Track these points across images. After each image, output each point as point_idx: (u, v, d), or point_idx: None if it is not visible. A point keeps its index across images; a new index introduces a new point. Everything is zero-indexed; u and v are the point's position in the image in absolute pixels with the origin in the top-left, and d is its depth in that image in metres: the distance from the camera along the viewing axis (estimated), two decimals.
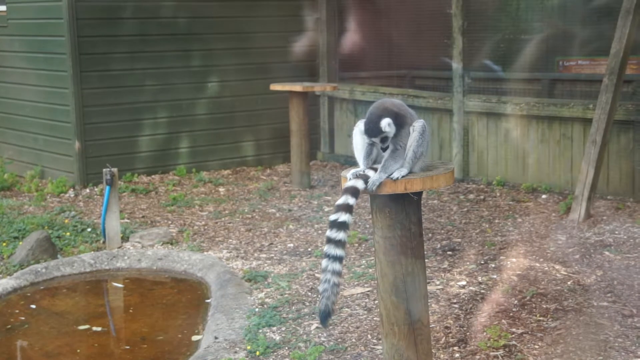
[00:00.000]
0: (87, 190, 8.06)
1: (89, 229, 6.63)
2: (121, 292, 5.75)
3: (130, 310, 5.34)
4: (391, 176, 3.31)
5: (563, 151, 7.35)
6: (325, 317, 3.38)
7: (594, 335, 4.26)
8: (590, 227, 6.18)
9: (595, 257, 5.51)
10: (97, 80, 8.19)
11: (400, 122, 3.38)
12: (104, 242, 6.29)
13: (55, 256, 6.02)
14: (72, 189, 8.05)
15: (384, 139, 3.36)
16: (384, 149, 3.37)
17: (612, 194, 6.98)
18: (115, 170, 6.22)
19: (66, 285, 5.69)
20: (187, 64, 8.72)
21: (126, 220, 6.94)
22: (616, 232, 6.04)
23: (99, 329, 4.93)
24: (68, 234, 6.48)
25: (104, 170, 6.20)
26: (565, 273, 5.21)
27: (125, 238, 6.39)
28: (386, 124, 3.33)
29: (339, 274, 3.35)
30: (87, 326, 4.95)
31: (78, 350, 4.63)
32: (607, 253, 5.58)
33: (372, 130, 3.35)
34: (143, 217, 7.12)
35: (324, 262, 3.34)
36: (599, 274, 5.18)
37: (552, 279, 5.10)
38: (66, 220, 6.82)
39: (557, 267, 5.33)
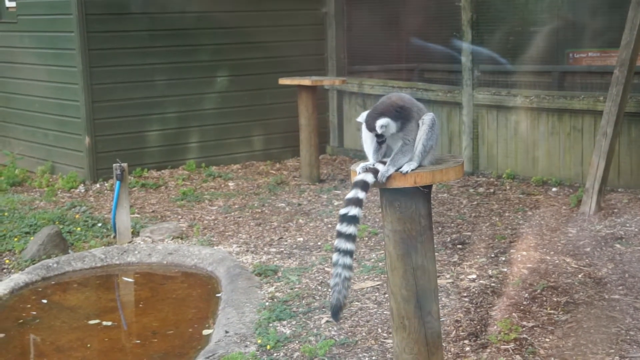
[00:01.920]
0: (98, 185, 8.08)
1: (99, 224, 6.65)
2: (132, 287, 5.77)
3: (141, 305, 5.36)
4: (400, 170, 3.30)
5: (573, 144, 7.32)
6: (336, 311, 3.39)
7: (605, 328, 4.24)
8: (601, 220, 6.15)
9: (607, 249, 5.49)
10: (106, 75, 8.21)
11: (405, 116, 3.37)
12: (114, 237, 6.31)
13: (66, 251, 6.04)
14: (82, 184, 8.08)
15: (379, 136, 3.35)
16: (380, 143, 3.36)
17: (623, 187, 6.95)
18: (125, 165, 6.23)
19: (77, 280, 5.71)
20: (196, 59, 8.72)
21: (136, 215, 6.96)
22: (627, 225, 6.01)
23: (110, 323, 4.94)
24: (79, 229, 6.50)
25: (114, 165, 6.22)
26: (576, 266, 5.20)
27: (135, 233, 6.41)
28: (380, 125, 3.32)
29: (349, 267, 3.35)
30: (97, 321, 4.97)
31: (89, 345, 4.65)
32: (618, 246, 5.56)
33: (369, 125, 3.36)
34: (153, 211, 7.14)
35: (335, 256, 3.34)
36: (610, 266, 5.16)
37: (563, 272, 5.09)
38: (77, 216, 6.85)
39: (567, 260, 5.32)
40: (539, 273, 5.07)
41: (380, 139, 3.35)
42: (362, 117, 3.44)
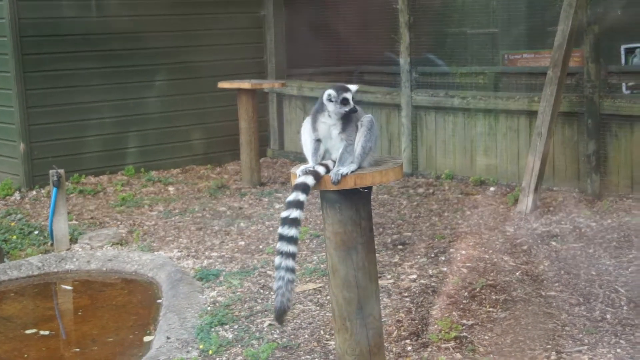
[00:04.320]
0: (34, 192, 7.92)
1: (36, 232, 6.52)
2: (70, 295, 5.66)
3: (80, 313, 5.27)
4: (340, 172, 3.32)
5: (510, 144, 7.45)
6: (281, 314, 3.39)
7: (542, 324, 4.33)
8: (537, 218, 6.28)
9: (543, 247, 5.60)
10: (41, 80, 8.05)
11: (344, 116, 3.41)
12: (52, 245, 6.19)
13: (1, 260, 5.90)
14: (18, 192, 7.91)
15: (343, 101, 3.38)
16: (348, 113, 3.40)
17: (558, 185, 7.10)
18: (62, 171, 6.12)
19: (14, 289, 5.59)
20: (134, 63, 8.62)
21: (74, 222, 6.84)
22: (562, 223, 6.15)
23: (48, 332, 4.85)
24: (15, 237, 6.37)
25: (51, 171, 6.10)
26: (513, 264, 5.29)
27: (73, 240, 6.30)
28: (327, 93, 3.40)
29: (292, 270, 3.35)
30: (35, 330, 4.87)
31: (26, 355, 4.55)
32: (554, 243, 5.68)
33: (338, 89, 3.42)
34: (91, 218, 7.03)
35: (277, 259, 3.35)
36: (546, 264, 5.27)
37: (501, 270, 5.17)
38: (12, 223, 6.70)
39: (505, 258, 5.41)
40: (478, 272, 5.15)
41: (348, 107, 3.39)
42: (307, 122, 3.48)
